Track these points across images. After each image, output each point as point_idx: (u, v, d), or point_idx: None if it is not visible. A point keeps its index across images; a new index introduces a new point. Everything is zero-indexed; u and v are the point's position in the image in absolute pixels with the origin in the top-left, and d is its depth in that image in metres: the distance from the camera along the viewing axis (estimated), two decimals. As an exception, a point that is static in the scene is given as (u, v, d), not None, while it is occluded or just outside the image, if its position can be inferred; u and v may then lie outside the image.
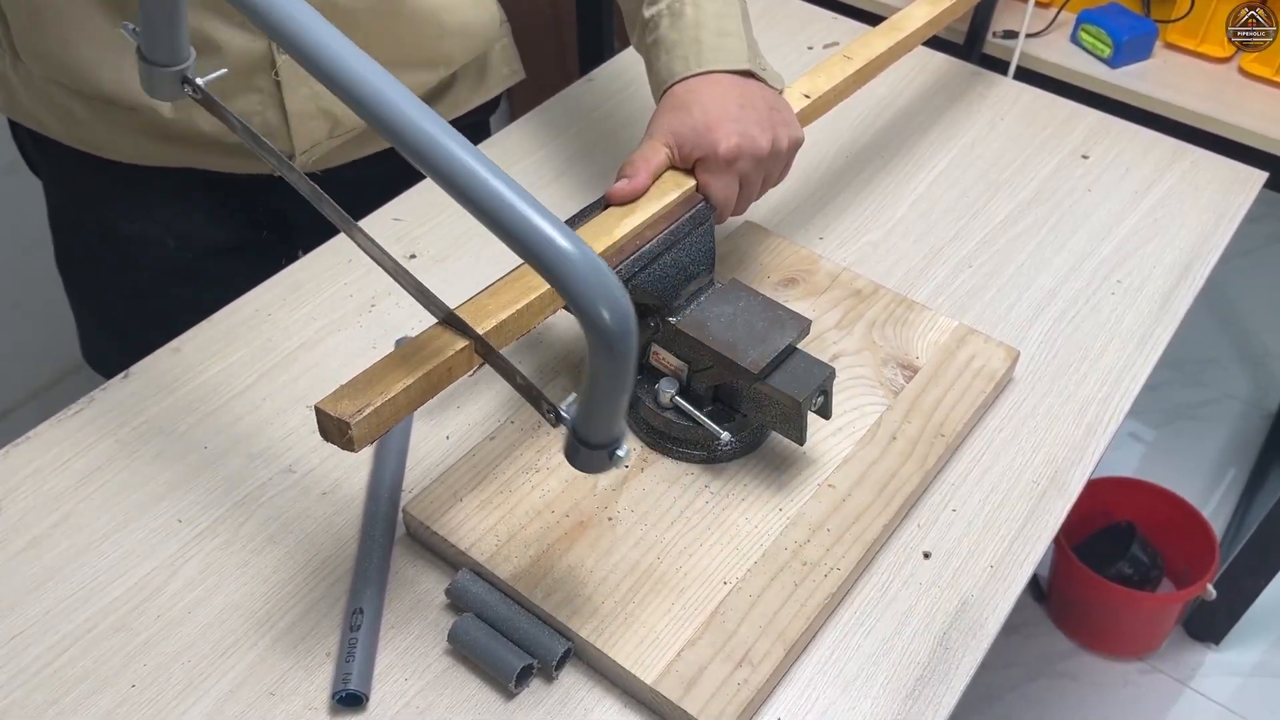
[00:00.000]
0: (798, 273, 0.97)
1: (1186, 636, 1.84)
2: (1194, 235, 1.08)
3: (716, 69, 0.83)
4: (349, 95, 0.54)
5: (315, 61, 0.54)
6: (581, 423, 0.63)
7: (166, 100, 0.70)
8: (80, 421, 0.86)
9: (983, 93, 1.25)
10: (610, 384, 0.58)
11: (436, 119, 0.54)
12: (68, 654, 0.73)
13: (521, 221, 0.54)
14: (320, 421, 0.63)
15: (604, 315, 0.54)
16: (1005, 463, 0.87)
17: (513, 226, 0.54)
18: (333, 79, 0.54)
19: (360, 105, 0.54)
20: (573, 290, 0.54)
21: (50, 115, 0.98)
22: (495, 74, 1.15)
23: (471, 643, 0.71)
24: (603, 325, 0.54)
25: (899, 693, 0.72)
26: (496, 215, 0.54)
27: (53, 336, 1.73)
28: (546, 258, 0.54)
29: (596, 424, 0.63)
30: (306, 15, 0.54)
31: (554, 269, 0.54)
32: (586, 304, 0.54)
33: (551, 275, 0.54)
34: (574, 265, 0.53)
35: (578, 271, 0.54)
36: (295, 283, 0.98)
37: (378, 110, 0.54)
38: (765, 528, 0.77)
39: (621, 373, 0.57)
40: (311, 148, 1.00)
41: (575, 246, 0.54)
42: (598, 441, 0.63)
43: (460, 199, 0.55)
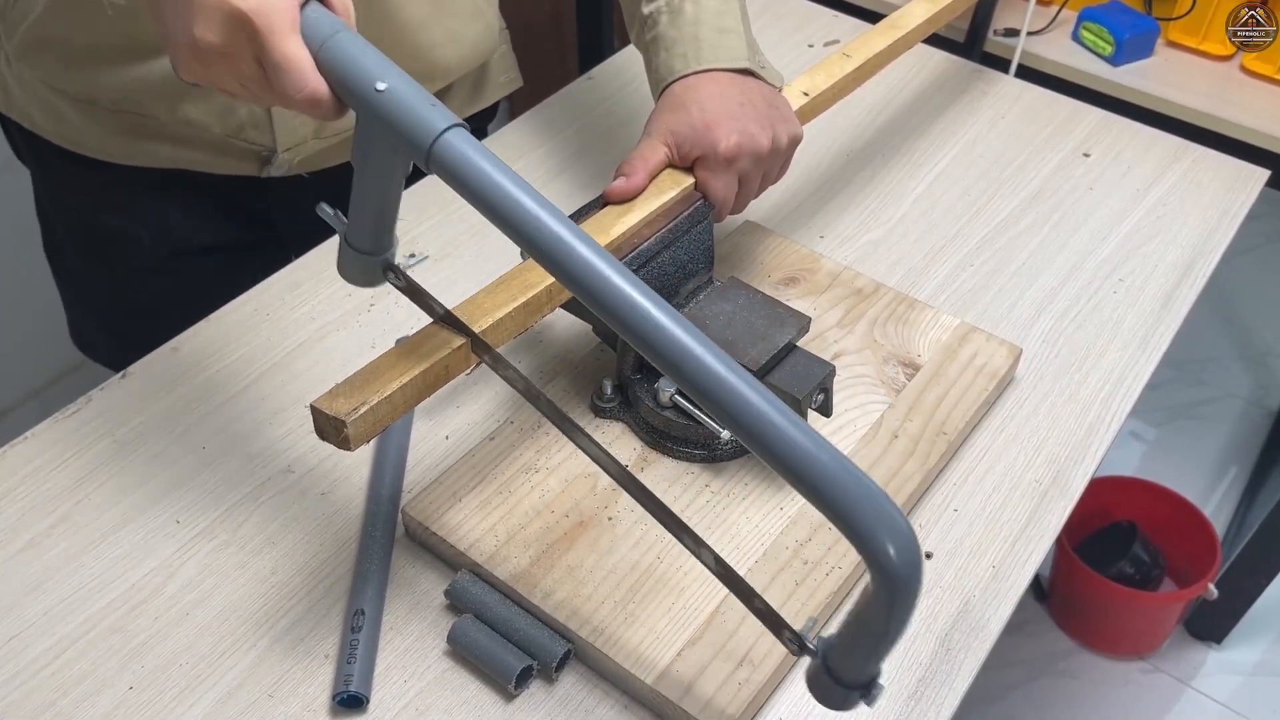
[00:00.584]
0: (798, 272, 0.97)
1: (1188, 636, 1.84)
2: (1196, 234, 1.08)
3: (716, 66, 0.82)
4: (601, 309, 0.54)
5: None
6: (840, 658, 0.57)
7: (365, 286, 0.69)
8: (78, 421, 0.86)
9: (984, 91, 1.25)
10: (888, 627, 0.52)
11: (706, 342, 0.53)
12: (65, 655, 0.72)
13: (794, 447, 0.50)
14: (316, 420, 0.63)
15: (890, 551, 0.49)
16: (1007, 462, 0.86)
17: (781, 452, 0.51)
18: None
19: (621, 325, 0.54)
20: (850, 520, 0.49)
21: (41, 114, 0.98)
22: (493, 82, 1.14)
23: (471, 644, 0.71)
24: (888, 564, 0.49)
25: (900, 694, 0.72)
26: (764, 441, 0.51)
27: (52, 336, 1.72)
28: (824, 488, 0.50)
29: (860, 663, 0.56)
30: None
31: (825, 494, 0.50)
32: (869, 539, 0.49)
33: (822, 502, 0.50)
34: (848, 490, 0.49)
35: (854, 498, 0.49)
36: (294, 282, 0.98)
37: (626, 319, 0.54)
38: (766, 526, 0.77)
39: (903, 616, 0.51)
40: (295, 146, 0.99)
41: (848, 471, 0.50)
42: (854, 681, 0.57)
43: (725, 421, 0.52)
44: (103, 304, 1.13)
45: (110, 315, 1.13)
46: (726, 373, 0.52)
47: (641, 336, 0.53)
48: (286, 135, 0.98)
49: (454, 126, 0.56)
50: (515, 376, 0.67)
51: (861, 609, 0.53)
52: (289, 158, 0.99)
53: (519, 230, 0.55)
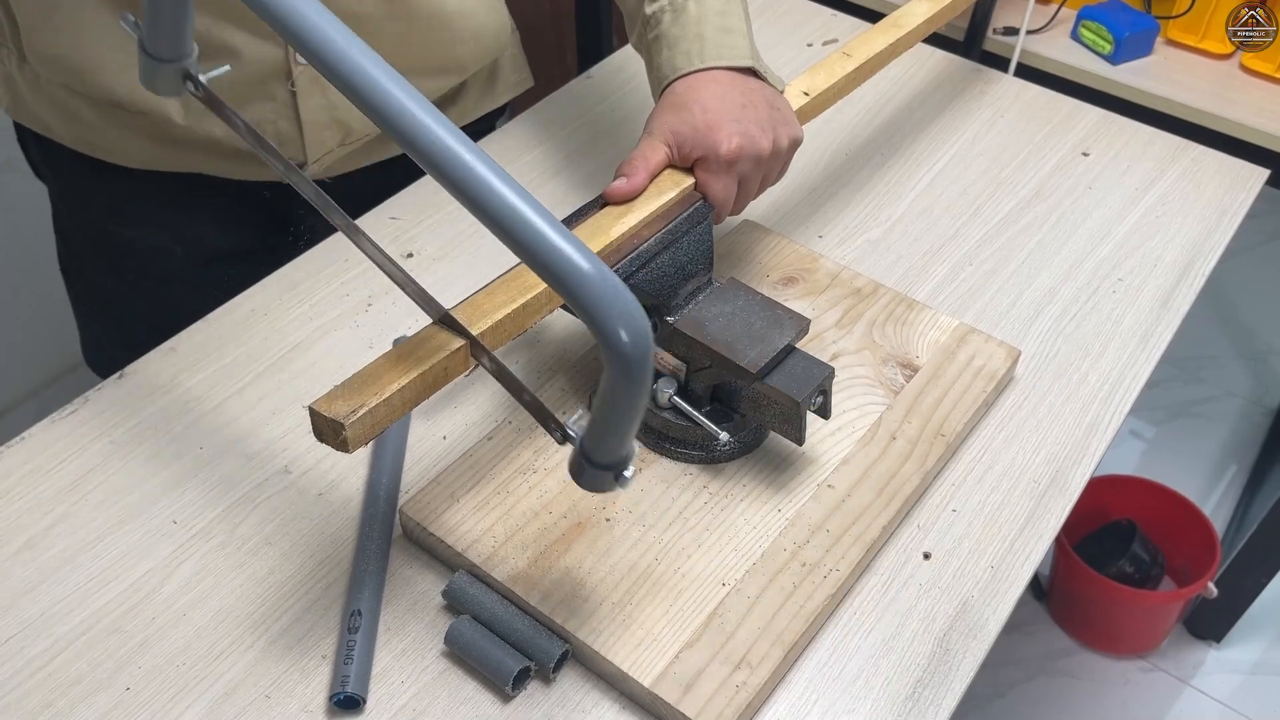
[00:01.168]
0: (797, 271, 0.97)
1: (1187, 634, 1.84)
2: (1195, 233, 1.08)
3: (719, 65, 0.82)
4: (361, 100, 0.53)
5: (331, 67, 0.53)
6: (590, 442, 0.62)
7: (167, 96, 0.68)
8: (75, 422, 0.86)
9: (983, 90, 1.25)
10: (624, 405, 0.57)
11: (450, 126, 0.53)
12: (62, 657, 0.72)
13: (536, 237, 0.52)
14: (314, 422, 0.63)
15: (621, 335, 0.53)
16: (1006, 462, 0.86)
17: (527, 241, 0.53)
18: (346, 83, 0.53)
19: (373, 109, 0.53)
20: (590, 308, 0.53)
21: (57, 118, 0.97)
22: (504, 82, 1.14)
23: (468, 645, 0.71)
24: (620, 345, 0.53)
25: (898, 695, 0.72)
26: (510, 228, 0.53)
27: (50, 336, 1.73)
28: (562, 275, 0.52)
29: (606, 444, 0.61)
30: (325, 20, 0.54)
31: (570, 286, 0.52)
32: (603, 323, 0.53)
33: (568, 292, 0.53)
34: (591, 283, 0.52)
35: (595, 290, 0.52)
36: (291, 282, 0.98)
37: (389, 113, 0.53)
38: (764, 528, 0.77)
39: (636, 394, 0.56)
40: (323, 156, 0.99)
41: (592, 265, 0.52)
42: (605, 461, 0.62)
43: (473, 209, 0.54)
44: (126, 320, 1.11)
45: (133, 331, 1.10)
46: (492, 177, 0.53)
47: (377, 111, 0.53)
48: (316, 148, 0.98)
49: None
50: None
51: (602, 393, 0.57)
52: (317, 168, 0.99)
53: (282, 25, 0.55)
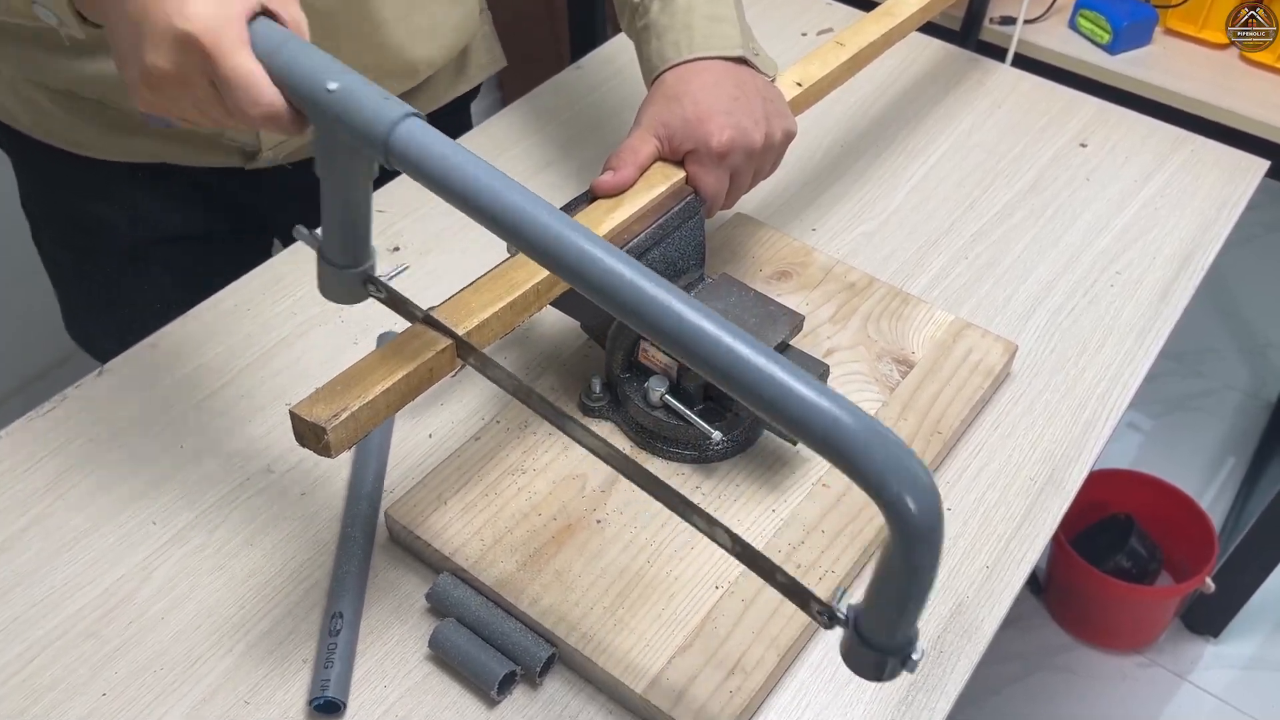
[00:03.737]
0: (790, 266, 0.95)
1: (1185, 629, 1.82)
2: (1194, 225, 1.06)
3: (709, 55, 0.80)
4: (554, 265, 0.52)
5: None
6: (871, 624, 0.54)
7: (346, 303, 0.67)
8: (53, 420, 0.84)
9: (979, 80, 1.23)
10: (914, 583, 0.50)
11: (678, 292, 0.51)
12: (37, 661, 0.71)
13: (790, 396, 0.48)
14: (295, 426, 0.61)
15: (909, 505, 0.47)
16: (1002, 460, 0.84)
17: (782, 403, 0.48)
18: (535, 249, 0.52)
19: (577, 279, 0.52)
20: (867, 474, 0.47)
21: (20, 108, 0.96)
22: (475, 64, 1.12)
23: (452, 648, 0.69)
24: (908, 516, 0.47)
25: (892, 698, 0.70)
26: (759, 391, 0.48)
27: (39, 329, 1.70)
28: (829, 436, 0.47)
29: (892, 626, 0.53)
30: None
31: (839, 448, 0.47)
32: (887, 491, 0.47)
33: (837, 457, 0.48)
34: (863, 443, 0.47)
35: (870, 450, 0.47)
36: (276, 276, 0.96)
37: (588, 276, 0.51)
38: (758, 529, 0.75)
39: (927, 570, 0.49)
40: (279, 143, 0.97)
41: (859, 421, 0.47)
42: (889, 646, 0.54)
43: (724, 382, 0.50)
44: (92, 296, 1.11)
45: (96, 305, 1.11)
46: (733, 340, 0.50)
47: (632, 309, 0.51)
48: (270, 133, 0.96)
49: (409, 116, 0.54)
50: (504, 376, 0.65)
51: (885, 569, 0.51)
52: (273, 154, 0.97)
53: (485, 210, 0.54)
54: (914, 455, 0.48)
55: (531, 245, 0.53)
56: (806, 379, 0.48)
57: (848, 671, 0.70)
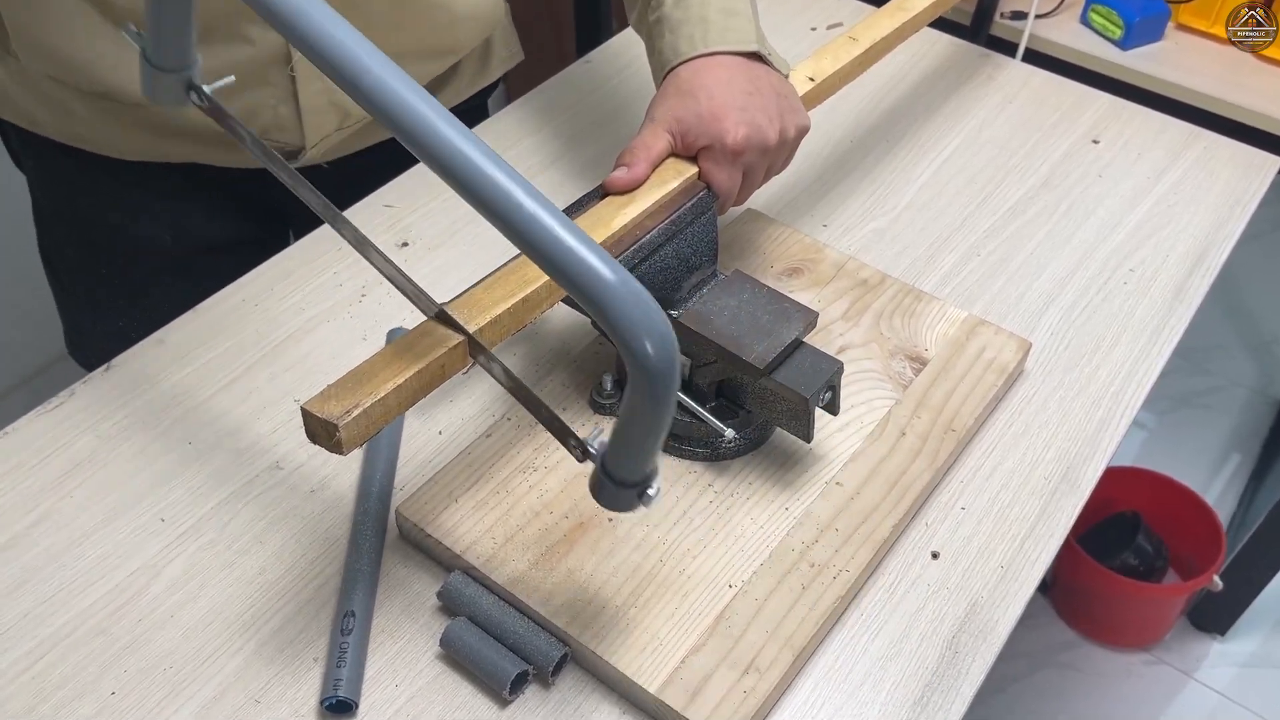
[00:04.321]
0: (802, 262, 0.94)
1: (1191, 627, 1.82)
2: (1208, 222, 1.05)
3: (723, 50, 0.80)
4: (361, 96, 0.51)
5: (326, 59, 0.51)
6: (613, 459, 0.59)
7: (170, 106, 0.67)
8: (60, 416, 0.83)
9: (990, 75, 1.22)
10: (649, 420, 0.54)
11: (458, 124, 0.51)
12: (45, 659, 0.70)
13: (556, 244, 0.50)
14: (307, 423, 0.60)
15: (647, 348, 0.51)
16: (1016, 458, 0.84)
17: (544, 248, 0.50)
18: (343, 76, 0.51)
19: (374, 106, 0.50)
20: (613, 320, 0.50)
21: (46, 112, 0.94)
22: (497, 57, 1.12)
23: (464, 648, 0.69)
24: (646, 359, 0.51)
25: (906, 699, 0.70)
26: (527, 235, 0.50)
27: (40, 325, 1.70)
28: (585, 285, 0.50)
29: (629, 461, 0.58)
30: (322, 13, 0.51)
31: (593, 297, 0.50)
32: (629, 336, 0.50)
33: (589, 302, 0.50)
34: (615, 294, 0.50)
35: (619, 301, 0.50)
36: (284, 271, 0.95)
37: (392, 112, 0.50)
38: (771, 528, 0.75)
39: (662, 409, 0.53)
40: (321, 141, 0.96)
41: (616, 274, 0.50)
42: (628, 480, 0.59)
43: (487, 213, 0.51)
44: (109, 310, 1.09)
45: (118, 321, 1.08)
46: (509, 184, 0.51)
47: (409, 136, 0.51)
48: (314, 132, 0.95)
49: None
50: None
51: (626, 408, 0.55)
52: (315, 153, 0.97)
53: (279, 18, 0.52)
54: (658, 307, 0.51)
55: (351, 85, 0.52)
56: (570, 227, 0.51)
57: (862, 671, 0.71)
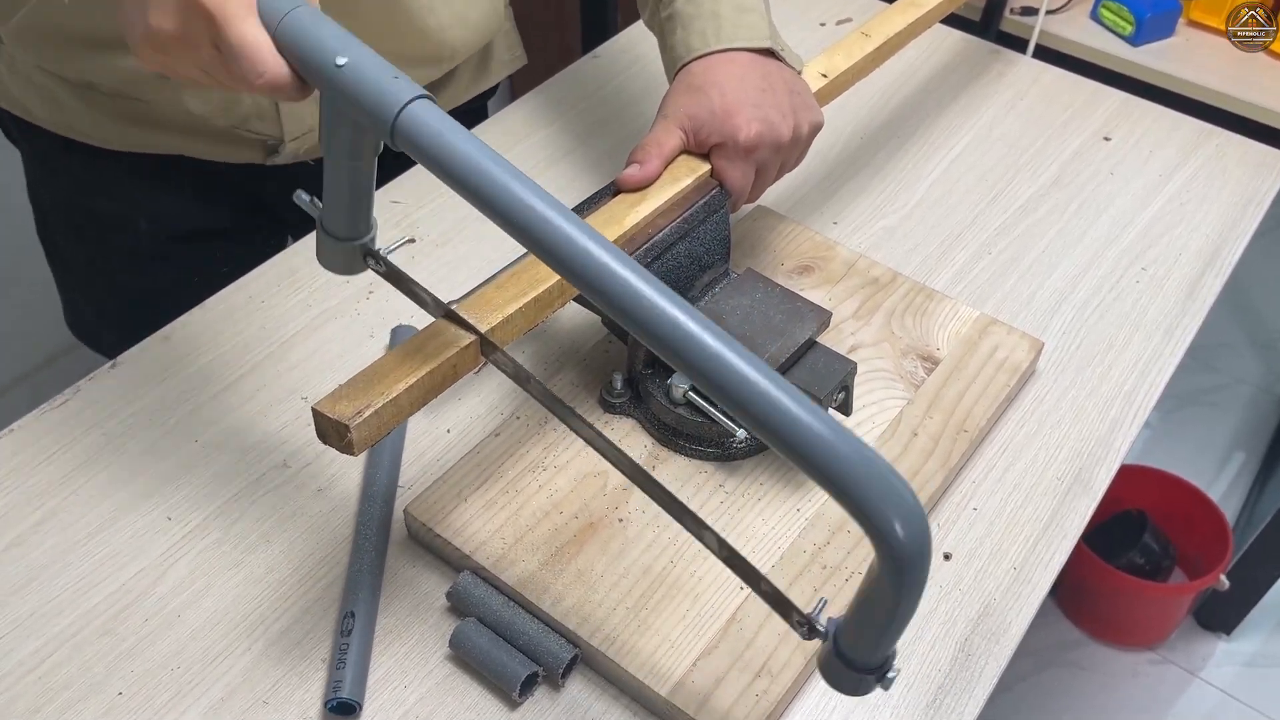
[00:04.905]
0: (812, 260, 0.94)
1: (1197, 626, 1.82)
2: (1221, 221, 1.05)
3: (736, 46, 0.79)
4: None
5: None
6: (850, 641, 0.54)
7: (344, 274, 0.66)
8: (65, 413, 0.83)
9: (1000, 72, 1.21)
10: (898, 608, 0.50)
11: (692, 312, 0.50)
12: (51, 659, 0.69)
13: (784, 418, 0.47)
14: (318, 423, 0.60)
15: (897, 530, 0.46)
16: (1028, 459, 0.83)
17: (778, 426, 0.47)
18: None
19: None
20: (855, 496, 0.46)
21: (36, 101, 0.94)
22: (497, 61, 1.11)
23: (473, 649, 0.68)
24: (897, 543, 0.46)
25: (919, 702, 0.69)
26: (752, 410, 0.48)
27: (44, 318, 1.69)
28: (821, 461, 0.47)
29: (870, 645, 0.53)
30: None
31: (828, 470, 0.47)
32: (874, 513, 0.46)
33: (824, 477, 0.47)
34: (853, 467, 0.46)
35: (859, 474, 0.46)
36: (290, 268, 0.94)
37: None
38: (783, 529, 0.74)
39: (913, 595, 0.49)
40: (302, 135, 0.95)
41: (851, 446, 0.47)
42: (867, 664, 0.54)
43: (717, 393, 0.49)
44: (99, 291, 1.10)
45: (107, 303, 1.09)
46: (730, 354, 0.49)
47: (632, 316, 0.50)
48: (294, 125, 0.95)
49: (419, 98, 0.52)
50: (524, 376, 0.64)
51: (869, 589, 0.51)
52: (295, 147, 0.96)
53: (493, 205, 0.52)
54: (903, 480, 0.47)
55: (541, 246, 0.51)
56: (802, 401, 0.47)
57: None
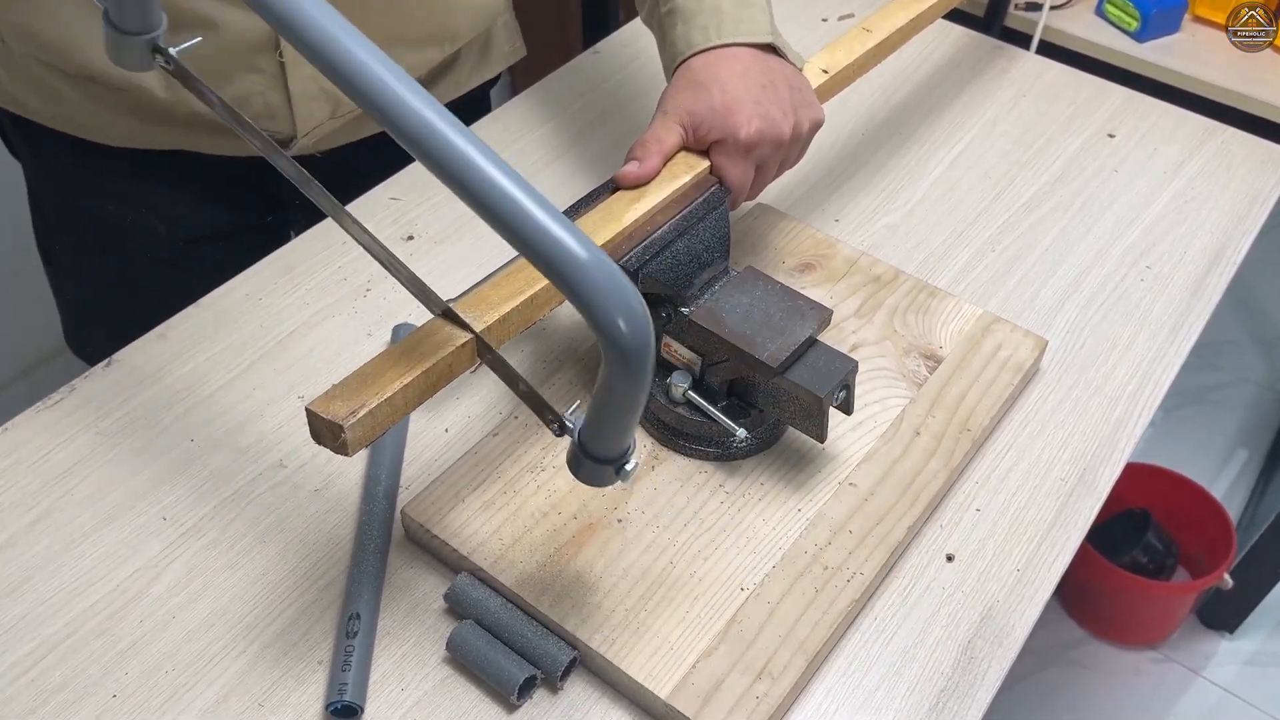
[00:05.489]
0: (814, 258, 0.93)
1: (1200, 624, 1.81)
2: (1226, 218, 1.04)
3: (737, 41, 0.78)
4: (340, 78, 0.49)
5: (306, 42, 0.49)
6: (589, 435, 0.60)
7: (134, 70, 0.64)
8: (60, 412, 0.82)
9: (1004, 68, 1.21)
10: (624, 398, 0.55)
11: (431, 101, 0.50)
12: (45, 661, 0.69)
13: (528, 222, 0.49)
14: (311, 423, 0.59)
15: (620, 326, 0.50)
16: (1031, 459, 0.82)
17: (518, 227, 0.50)
18: (323, 59, 0.49)
19: (352, 87, 0.49)
20: (586, 299, 0.50)
21: (34, 97, 0.93)
22: (497, 51, 1.10)
23: (471, 651, 0.68)
24: (619, 336, 0.51)
25: (921, 705, 0.69)
26: (500, 213, 0.50)
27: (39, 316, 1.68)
28: (556, 263, 0.50)
29: (605, 437, 0.59)
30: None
31: (565, 275, 0.50)
32: (601, 313, 0.50)
33: (562, 282, 0.50)
34: (587, 271, 0.50)
35: (591, 278, 0.50)
36: (287, 265, 0.94)
37: (369, 91, 0.49)
38: (784, 529, 0.73)
39: (637, 386, 0.54)
40: (313, 130, 0.95)
41: (588, 251, 0.50)
42: (605, 455, 0.60)
43: (460, 193, 0.50)
44: (107, 301, 1.08)
45: (116, 312, 1.07)
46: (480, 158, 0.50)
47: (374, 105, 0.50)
48: (305, 120, 0.94)
49: None
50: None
51: (602, 385, 0.55)
52: (306, 142, 0.95)
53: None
54: (630, 284, 0.51)
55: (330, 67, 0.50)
56: (544, 204, 0.50)
57: (876, 676, 0.70)
